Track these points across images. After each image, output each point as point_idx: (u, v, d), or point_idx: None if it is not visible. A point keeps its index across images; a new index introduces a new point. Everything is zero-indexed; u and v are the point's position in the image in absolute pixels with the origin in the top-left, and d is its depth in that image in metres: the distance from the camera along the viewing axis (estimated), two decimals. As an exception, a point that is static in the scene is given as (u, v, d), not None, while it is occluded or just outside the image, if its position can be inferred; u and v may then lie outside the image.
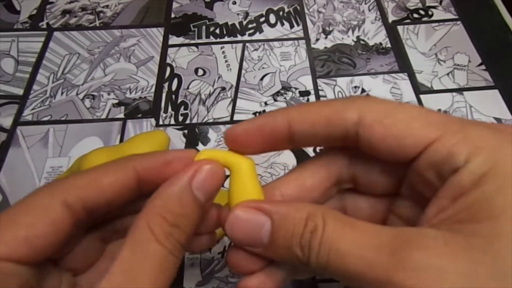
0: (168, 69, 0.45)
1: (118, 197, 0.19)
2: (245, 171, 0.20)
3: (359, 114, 0.18)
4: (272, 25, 0.49)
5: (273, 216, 0.18)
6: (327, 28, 0.49)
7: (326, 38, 0.48)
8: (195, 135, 0.40)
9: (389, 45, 0.47)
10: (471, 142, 0.16)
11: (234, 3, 0.52)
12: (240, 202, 0.19)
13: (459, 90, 0.43)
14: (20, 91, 0.43)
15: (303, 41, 0.47)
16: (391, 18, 0.50)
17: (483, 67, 0.44)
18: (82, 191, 0.18)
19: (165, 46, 0.47)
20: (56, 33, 0.49)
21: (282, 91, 0.43)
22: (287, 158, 0.38)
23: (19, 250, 0.16)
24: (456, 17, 0.49)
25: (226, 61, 0.46)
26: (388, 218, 0.21)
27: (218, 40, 0.48)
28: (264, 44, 0.47)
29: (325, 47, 0.47)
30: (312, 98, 0.42)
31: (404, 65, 0.45)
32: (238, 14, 0.51)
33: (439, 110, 0.41)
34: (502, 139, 0.16)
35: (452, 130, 0.16)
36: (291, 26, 0.49)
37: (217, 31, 0.49)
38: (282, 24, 0.49)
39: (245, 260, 0.20)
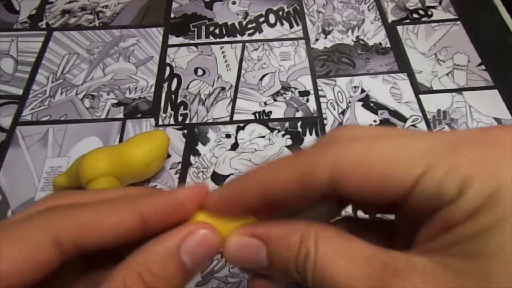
0: (168, 69, 0.45)
1: (117, 240, 0.18)
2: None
3: (332, 170, 0.16)
4: (272, 25, 0.49)
5: (267, 240, 0.18)
6: (326, 28, 0.49)
7: (325, 38, 0.48)
8: (194, 135, 0.40)
9: (388, 45, 0.47)
10: (462, 171, 0.14)
11: (234, 3, 0.52)
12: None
13: (459, 90, 0.43)
14: (19, 91, 0.43)
15: (303, 41, 0.47)
16: (390, 18, 0.50)
17: (482, 67, 0.44)
18: (78, 229, 0.17)
19: (165, 46, 0.47)
20: (55, 33, 0.49)
21: (282, 91, 0.43)
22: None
23: None
24: (456, 17, 0.49)
25: (225, 61, 0.46)
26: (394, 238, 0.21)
27: (218, 40, 0.48)
28: (263, 44, 0.47)
29: (325, 47, 0.47)
30: (311, 98, 0.42)
31: (404, 65, 0.45)
32: (237, 14, 0.51)
33: (439, 110, 0.41)
34: (498, 157, 0.14)
35: (438, 160, 0.15)
36: (291, 26, 0.49)
37: (217, 31, 0.49)
38: (282, 24, 0.49)
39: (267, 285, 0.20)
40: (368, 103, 0.42)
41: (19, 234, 0.16)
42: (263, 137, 0.39)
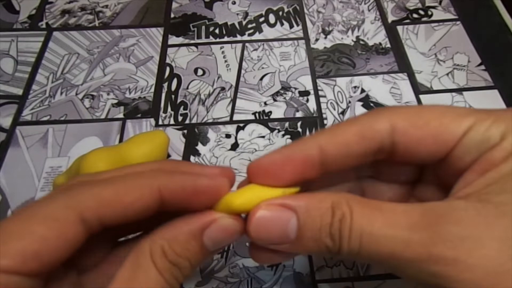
0: (168, 69, 0.45)
1: (138, 215, 0.18)
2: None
3: (390, 123, 0.18)
4: (272, 25, 0.49)
5: (298, 210, 0.18)
6: (326, 28, 0.49)
7: (325, 38, 0.48)
8: (194, 135, 0.40)
9: (388, 45, 0.47)
10: (503, 122, 0.16)
11: (234, 3, 0.52)
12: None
13: (459, 90, 0.43)
14: (19, 91, 0.43)
15: (303, 41, 0.47)
16: (390, 18, 0.50)
17: (482, 67, 0.44)
18: (101, 206, 0.17)
19: (165, 46, 0.47)
20: (55, 33, 0.49)
21: (282, 91, 0.43)
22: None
23: (27, 264, 0.16)
24: (456, 17, 0.49)
25: (225, 61, 0.46)
26: (409, 200, 0.21)
27: (218, 40, 0.48)
28: (263, 44, 0.47)
29: (325, 47, 0.47)
30: (311, 98, 0.42)
31: (404, 65, 0.45)
32: (237, 14, 0.51)
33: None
34: None
35: (482, 117, 0.17)
36: (291, 26, 0.49)
37: (217, 31, 0.49)
38: (282, 24, 0.49)
39: (270, 255, 0.20)
40: (368, 103, 0.42)
41: (46, 213, 0.17)
42: (263, 137, 0.39)
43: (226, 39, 0.48)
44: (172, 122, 0.41)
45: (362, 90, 0.43)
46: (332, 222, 0.17)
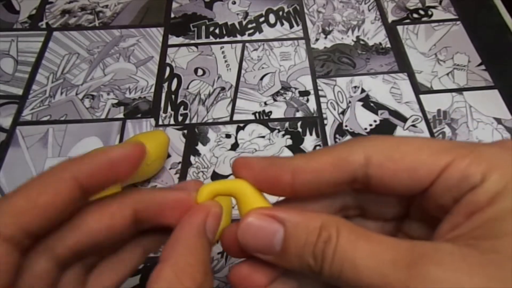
0: (168, 69, 0.45)
1: (60, 212, 0.17)
2: (250, 191, 0.20)
3: (365, 155, 0.18)
4: (272, 25, 0.49)
5: (286, 224, 0.18)
6: (326, 28, 0.49)
7: (325, 38, 0.48)
8: (194, 135, 0.40)
9: (388, 45, 0.47)
10: (484, 161, 0.16)
11: (234, 3, 0.52)
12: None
13: (459, 90, 0.42)
14: (19, 91, 0.43)
15: (303, 41, 0.47)
16: (390, 18, 0.50)
17: (482, 67, 0.44)
18: (19, 220, 0.16)
19: (165, 46, 0.47)
20: (55, 33, 0.49)
21: (282, 91, 0.43)
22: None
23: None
24: (456, 17, 0.49)
25: (225, 61, 0.46)
26: (397, 235, 0.21)
27: (218, 40, 0.48)
28: (263, 44, 0.47)
29: (325, 47, 0.47)
30: (311, 98, 0.42)
31: (404, 65, 0.45)
32: (237, 14, 0.51)
33: (439, 110, 0.41)
34: None
35: (462, 154, 0.16)
36: (291, 26, 0.49)
37: (217, 31, 0.49)
38: (282, 24, 0.49)
39: (250, 276, 0.20)
40: (368, 103, 0.42)
41: (43, 177, 0.17)
42: (263, 137, 0.39)
43: (226, 39, 0.48)
44: (172, 122, 0.41)
45: (362, 90, 0.43)
46: (317, 242, 0.17)
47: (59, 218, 0.17)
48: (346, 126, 0.40)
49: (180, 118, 0.41)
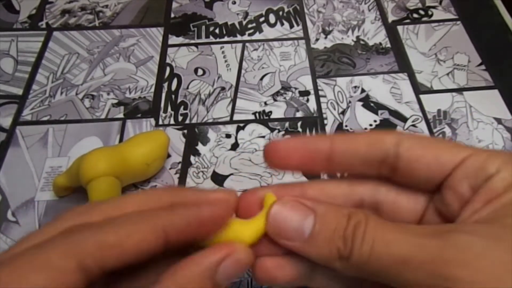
0: (168, 69, 0.45)
1: (141, 257, 0.17)
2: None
3: (398, 138, 0.19)
4: (272, 25, 0.49)
5: (317, 210, 0.19)
6: (326, 28, 0.49)
7: (326, 38, 0.48)
8: (194, 135, 0.40)
9: (389, 45, 0.47)
10: (499, 157, 0.18)
11: (234, 3, 0.52)
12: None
13: (459, 90, 0.42)
14: (19, 91, 0.43)
15: (303, 41, 0.47)
16: (391, 18, 0.50)
17: (483, 67, 0.44)
18: (103, 253, 0.16)
19: (165, 46, 0.47)
20: (55, 33, 0.49)
21: (282, 91, 0.43)
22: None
23: None
24: (456, 17, 0.49)
25: (225, 61, 0.46)
26: (426, 213, 0.22)
27: (218, 40, 0.48)
28: (263, 44, 0.47)
29: (325, 47, 0.47)
30: (311, 98, 0.42)
31: (404, 65, 0.45)
32: (237, 14, 0.51)
33: (439, 110, 0.41)
34: None
35: (478, 151, 0.18)
36: (291, 26, 0.49)
37: (217, 31, 0.49)
38: (282, 24, 0.49)
39: (273, 269, 0.20)
40: (368, 103, 0.42)
41: (43, 260, 0.16)
42: (263, 137, 0.39)
43: (226, 39, 0.48)
44: (172, 122, 0.41)
45: (362, 90, 0.43)
46: (347, 226, 0.18)
47: (137, 260, 0.17)
48: (346, 126, 0.40)
49: (180, 118, 0.41)
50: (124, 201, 0.19)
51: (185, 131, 0.40)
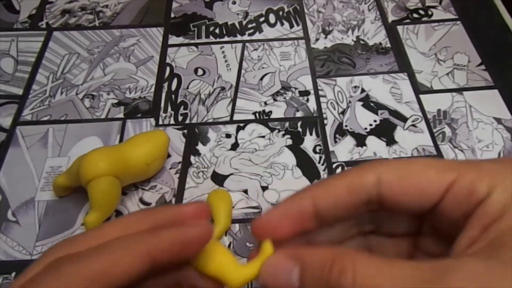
0: (168, 69, 0.45)
1: (129, 282, 0.18)
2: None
3: (377, 176, 0.19)
4: (272, 25, 0.49)
5: (300, 261, 0.19)
6: (326, 28, 0.49)
7: (325, 38, 0.48)
8: (194, 135, 0.40)
9: (388, 45, 0.47)
10: (487, 176, 0.17)
11: (234, 3, 0.52)
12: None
13: (459, 90, 0.42)
14: (19, 91, 0.43)
15: (303, 41, 0.47)
16: (390, 18, 0.50)
17: (482, 67, 0.44)
18: (90, 283, 0.17)
19: (165, 46, 0.47)
20: (55, 33, 0.49)
21: (282, 91, 0.43)
22: (287, 158, 0.38)
23: None
24: (456, 17, 0.49)
25: (225, 61, 0.46)
26: (415, 255, 0.22)
27: (218, 40, 0.48)
28: (263, 44, 0.47)
29: (325, 47, 0.47)
30: (312, 98, 0.42)
31: (404, 65, 0.45)
32: (237, 14, 0.51)
33: (439, 110, 0.41)
34: None
35: (466, 170, 0.18)
36: (291, 26, 0.49)
37: (217, 31, 0.49)
38: (282, 24, 0.49)
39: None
40: (368, 103, 0.42)
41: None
42: (263, 137, 0.39)
43: (226, 39, 0.48)
44: (172, 122, 0.41)
45: (362, 90, 0.43)
46: (330, 274, 0.17)
47: (125, 284, 0.18)
48: (346, 126, 0.40)
49: (180, 118, 0.41)
50: (107, 228, 0.20)
51: (185, 131, 0.40)
